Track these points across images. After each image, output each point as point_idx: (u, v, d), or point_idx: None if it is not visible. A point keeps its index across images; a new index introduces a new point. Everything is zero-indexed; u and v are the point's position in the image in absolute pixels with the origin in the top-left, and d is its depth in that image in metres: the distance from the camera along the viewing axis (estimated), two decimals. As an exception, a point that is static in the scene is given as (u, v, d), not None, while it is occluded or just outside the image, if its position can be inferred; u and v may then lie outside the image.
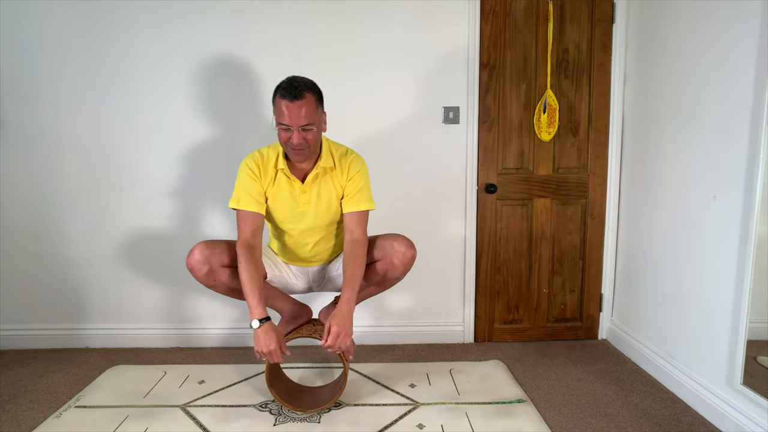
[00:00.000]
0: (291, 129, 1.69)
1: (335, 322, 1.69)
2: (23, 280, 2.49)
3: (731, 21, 1.75)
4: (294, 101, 1.66)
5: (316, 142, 1.77)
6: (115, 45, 2.37)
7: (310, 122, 1.69)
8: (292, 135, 1.70)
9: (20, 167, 2.42)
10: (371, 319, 2.59)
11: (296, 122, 1.68)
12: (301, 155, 1.75)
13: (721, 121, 1.80)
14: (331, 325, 1.70)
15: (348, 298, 1.73)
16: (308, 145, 1.73)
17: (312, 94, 1.71)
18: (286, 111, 1.67)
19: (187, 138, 2.44)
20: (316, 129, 1.73)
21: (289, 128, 1.69)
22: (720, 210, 1.80)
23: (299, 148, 1.72)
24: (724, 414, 1.77)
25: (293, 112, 1.67)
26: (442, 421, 1.83)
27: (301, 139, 1.69)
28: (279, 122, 1.71)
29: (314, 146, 1.77)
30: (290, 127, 1.69)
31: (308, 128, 1.70)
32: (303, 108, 1.67)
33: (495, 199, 2.55)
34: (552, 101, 2.49)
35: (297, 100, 1.66)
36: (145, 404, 1.96)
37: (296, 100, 1.66)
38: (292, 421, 1.84)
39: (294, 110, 1.67)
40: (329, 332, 1.70)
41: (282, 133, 1.72)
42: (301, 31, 2.39)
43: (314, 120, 1.70)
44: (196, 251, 1.74)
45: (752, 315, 1.66)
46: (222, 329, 2.57)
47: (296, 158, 1.76)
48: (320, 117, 1.76)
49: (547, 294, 2.63)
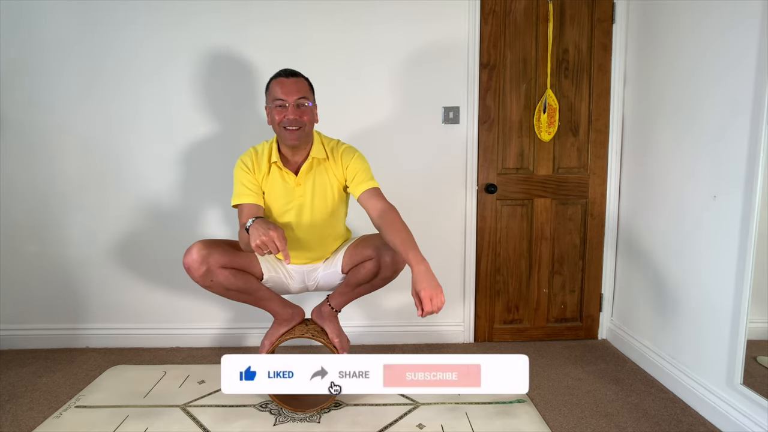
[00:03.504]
0: (286, 105, 1.73)
1: (422, 287, 1.49)
2: (23, 280, 2.49)
3: (731, 21, 1.75)
4: (289, 77, 1.76)
5: (311, 125, 1.80)
6: (115, 44, 2.37)
7: (304, 95, 1.76)
8: (287, 112, 1.73)
9: (20, 167, 2.42)
10: (371, 319, 2.59)
11: (292, 96, 1.74)
12: (296, 135, 1.75)
13: (721, 121, 1.80)
14: (418, 291, 1.49)
15: (416, 257, 1.56)
16: (303, 123, 1.75)
17: (305, 79, 1.81)
18: (280, 87, 1.75)
19: (187, 137, 2.44)
20: (309, 108, 1.78)
21: (283, 104, 1.74)
22: (720, 210, 1.80)
23: (294, 126, 1.74)
24: (724, 414, 1.77)
25: (288, 86, 1.75)
26: (442, 420, 1.83)
27: (296, 115, 1.73)
28: (274, 98, 1.75)
29: (308, 129, 1.79)
30: (285, 103, 1.73)
31: (303, 103, 1.75)
32: (297, 84, 1.76)
33: (495, 199, 2.55)
34: (552, 101, 2.49)
35: (291, 77, 1.77)
36: (145, 404, 1.96)
37: (291, 77, 1.77)
38: (292, 421, 1.84)
39: (289, 85, 1.75)
40: (421, 301, 1.48)
41: (276, 113, 1.75)
42: (300, 30, 2.39)
43: (308, 96, 1.78)
44: (194, 251, 1.73)
45: (752, 315, 1.66)
46: (222, 329, 2.57)
47: (290, 139, 1.76)
48: (313, 102, 1.82)
49: (547, 294, 2.63)
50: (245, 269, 1.83)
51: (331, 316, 1.97)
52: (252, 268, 1.85)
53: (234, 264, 1.78)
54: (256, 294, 1.87)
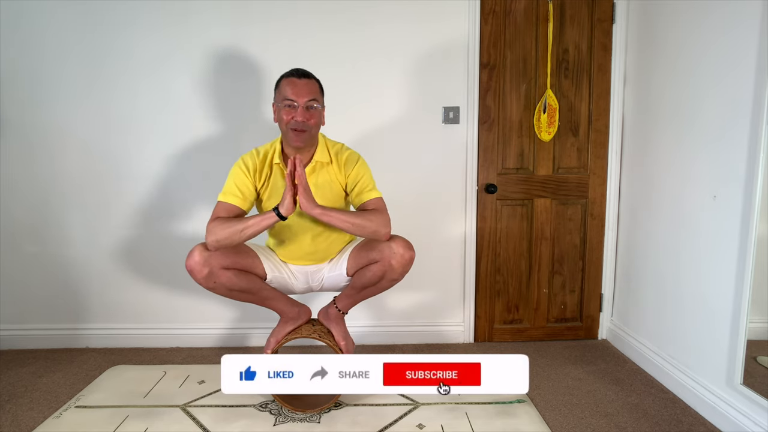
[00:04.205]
0: (296, 106, 1.73)
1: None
2: (23, 280, 2.49)
3: (731, 21, 1.75)
4: (301, 78, 1.76)
5: (317, 128, 1.80)
6: (115, 43, 2.37)
7: (315, 98, 1.76)
8: (295, 113, 1.73)
9: (20, 167, 2.42)
10: (371, 319, 2.59)
11: (302, 98, 1.73)
12: (301, 138, 1.75)
13: (721, 121, 1.80)
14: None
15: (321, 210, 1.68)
16: (310, 127, 1.75)
17: (316, 81, 1.81)
18: (291, 88, 1.74)
19: (187, 137, 2.44)
20: (318, 111, 1.78)
21: (293, 105, 1.73)
22: (720, 210, 1.80)
23: (301, 128, 1.73)
24: (724, 414, 1.77)
25: (300, 87, 1.74)
26: (442, 421, 1.83)
27: (304, 117, 1.73)
28: (284, 98, 1.74)
29: (314, 132, 1.79)
30: (295, 103, 1.73)
31: (312, 105, 1.75)
32: (308, 86, 1.76)
33: (495, 199, 2.55)
34: (552, 101, 2.49)
35: (304, 78, 1.76)
36: (145, 404, 1.96)
37: (303, 78, 1.76)
38: (292, 421, 1.84)
39: (301, 86, 1.74)
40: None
41: (285, 113, 1.74)
42: (300, 30, 2.39)
43: (318, 98, 1.78)
44: (196, 253, 1.72)
45: (752, 315, 1.66)
46: (222, 329, 2.57)
47: (295, 141, 1.76)
48: (322, 105, 1.82)
49: (547, 294, 2.63)
50: (248, 270, 1.83)
51: (338, 318, 1.97)
52: (255, 268, 1.85)
53: (237, 265, 1.78)
54: (260, 294, 1.86)
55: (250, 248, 1.88)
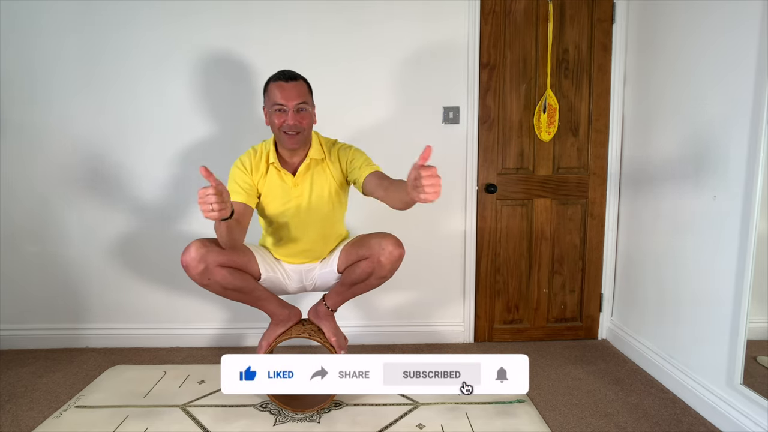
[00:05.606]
0: (286, 110, 1.73)
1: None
2: (23, 280, 2.49)
3: (731, 21, 1.75)
4: (288, 81, 1.75)
5: (309, 128, 1.81)
6: (114, 43, 2.37)
7: (304, 101, 1.76)
8: (287, 117, 1.73)
9: (20, 167, 2.42)
10: (370, 319, 2.59)
11: (291, 101, 1.73)
12: (295, 140, 1.77)
13: (720, 120, 1.80)
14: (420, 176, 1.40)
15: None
16: (303, 128, 1.76)
17: (304, 81, 1.80)
18: (280, 92, 1.74)
19: (185, 136, 2.44)
20: (309, 112, 1.78)
21: (283, 109, 1.74)
22: (720, 210, 1.80)
23: (294, 131, 1.75)
24: (724, 414, 1.77)
25: (288, 91, 1.74)
26: (442, 421, 1.83)
27: (296, 120, 1.73)
28: (274, 103, 1.75)
29: (307, 133, 1.81)
30: (285, 108, 1.73)
31: (302, 108, 1.75)
32: (297, 88, 1.75)
33: (495, 199, 2.55)
34: (552, 101, 2.49)
35: (291, 81, 1.75)
36: (145, 404, 1.96)
37: (291, 81, 1.75)
38: (291, 421, 1.84)
39: (289, 90, 1.74)
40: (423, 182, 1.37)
41: (276, 117, 1.75)
42: (300, 29, 2.39)
43: (308, 100, 1.78)
44: (192, 249, 1.71)
45: (752, 315, 1.66)
46: (222, 329, 2.57)
47: (289, 144, 1.77)
48: (312, 104, 1.82)
49: (547, 294, 2.63)
50: (243, 268, 1.83)
51: (328, 316, 1.97)
52: (250, 267, 1.85)
53: (232, 263, 1.78)
54: (253, 294, 1.86)
55: (246, 246, 1.88)
